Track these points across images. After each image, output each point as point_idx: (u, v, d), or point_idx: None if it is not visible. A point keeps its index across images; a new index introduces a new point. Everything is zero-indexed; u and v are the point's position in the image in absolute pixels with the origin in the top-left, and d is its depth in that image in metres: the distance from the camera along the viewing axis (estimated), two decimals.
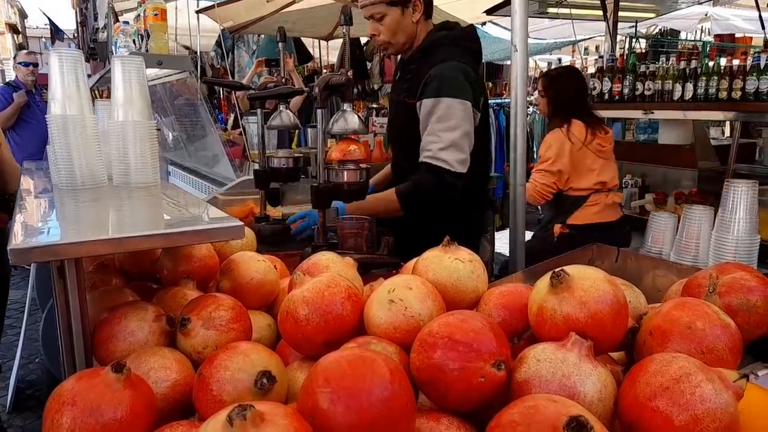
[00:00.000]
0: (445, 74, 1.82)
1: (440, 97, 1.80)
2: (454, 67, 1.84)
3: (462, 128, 1.82)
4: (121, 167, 1.39)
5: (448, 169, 1.80)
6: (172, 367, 0.92)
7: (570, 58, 9.89)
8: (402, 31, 1.91)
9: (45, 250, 0.85)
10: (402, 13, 1.88)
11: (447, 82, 1.81)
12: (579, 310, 0.82)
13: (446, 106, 1.80)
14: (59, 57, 1.35)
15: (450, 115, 1.80)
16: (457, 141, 1.81)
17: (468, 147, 1.85)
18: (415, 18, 1.90)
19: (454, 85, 1.81)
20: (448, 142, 1.80)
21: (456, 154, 1.81)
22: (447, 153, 1.80)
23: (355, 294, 0.97)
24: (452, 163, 1.81)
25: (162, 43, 2.36)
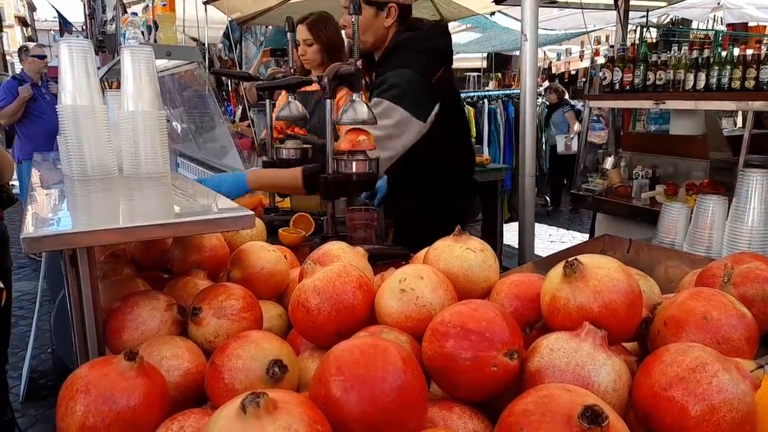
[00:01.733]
0: (393, 79, 1.85)
1: (383, 100, 1.83)
2: (405, 76, 1.85)
3: (389, 130, 1.84)
4: (132, 157, 1.39)
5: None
6: (184, 356, 0.92)
7: (580, 49, 9.80)
8: (371, 31, 1.94)
9: (57, 239, 0.86)
10: (375, 15, 1.91)
11: (393, 88, 1.83)
12: (593, 300, 0.82)
13: (384, 108, 1.82)
14: (69, 48, 1.35)
15: (383, 116, 1.82)
16: (381, 139, 1.82)
17: (392, 149, 1.86)
18: (387, 23, 1.93)
19: (399, 91, 1.83)
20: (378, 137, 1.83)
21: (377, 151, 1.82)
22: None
23: (366, 283, 0.97)
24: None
25: (170, 33, 2.36)
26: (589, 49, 9.42)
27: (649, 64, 3.69)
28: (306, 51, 2.75)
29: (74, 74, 1.36)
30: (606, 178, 4.16)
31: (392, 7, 1.90)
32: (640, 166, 4.02)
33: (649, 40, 5.23)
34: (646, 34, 5.07)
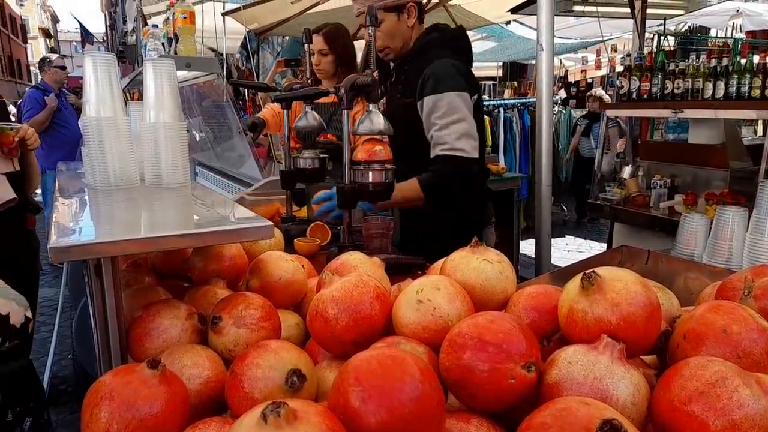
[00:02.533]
0: (440, 71, 1.90)
1: (440, 93, 1.88)
2: (447, 64, 1.92)
3: (468, 119, 1.90)
4: (153, 168, 1.42)
5: (466, 157, 1.89)
6: (204, 365, 0.94)
7: (596, 57, 9.75)
8: (398, 35, 1.99)
9: (83, 249, 0.88)
10: (398, 19, 1.96)
11: (442, 79, 1.89)
12: (611, 312, 0.82)
13: (448, 101, 1.88)
14: (93, 61, 1.39)
15: (454, 109, 1.88)
16: (468, 129, 1.90)
17: (476, 135, 1.94)
18: (410, 23, 1.98)
19: (450, 79, 1.89)
20: (462, 132, 1.89)
21: (470, 141, 1.90)
22: (462, 142, 1.88)
23: (383, 294, 0.98)
24: (468, 150, 1.89)
25: (190, 45, 2.40)
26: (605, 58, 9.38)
27: (666, 73, 3.66)
28: (320, 61, 2.79)
29: (98, 87, 1.40)
30: (624, 188, 4.13)
31: (411, 6, 1.95)
32: (658, 175, 3.98)
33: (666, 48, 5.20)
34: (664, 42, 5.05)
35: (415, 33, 2.01)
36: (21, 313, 0.76)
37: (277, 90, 2.48)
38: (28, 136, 2.15)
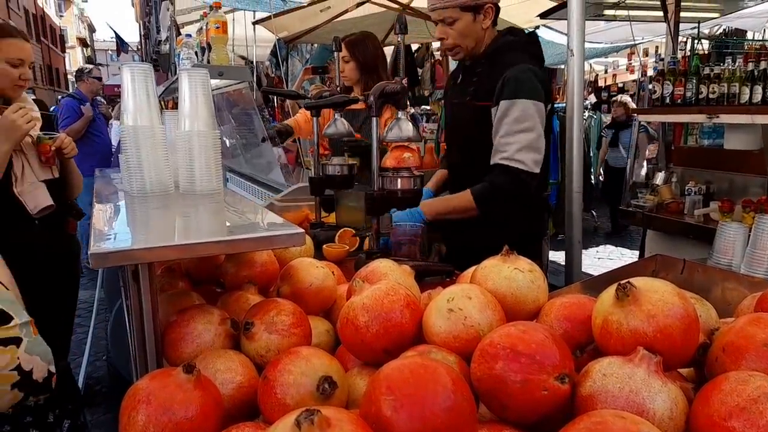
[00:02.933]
0: (520, 77, 1.84)
1: (516, 99, 1.82)
2: (527, 70, 1.86)
3: (537, 130, 1.83)
4: (187, 175, 1.46)
5: (524, 170, 1.82)
6: (237, 370, 0.95)
7: (627, 62, 9.59)
8: (472, 36, 1.93)
9: (121, 255, 0.90)
10: (473, 19, 1.90)
11: (522, 84, 1.83)
12: (647, 324, 0.80)
13: (522, 108, 1.81)
14: (131, 71, 1.43)
15: (526, 117, 1.81)
16: (534, 142, 1.82)
17: (543, 148, 1.87)
18: (485, 24, 1.92)
19: (528, 87, 1.83)
20: (525, 143, 1.82)
21: (532, 155, 1.82)
22: (523, 154, 1.81)
23: (413, 302, 0.98)
24: (528, 163, 1.82)
25: (223, 54, 2.45)
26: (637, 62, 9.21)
27: (701, 77, 3.58)
28: (344, 68, 2.83)
29: (135, 96, 1.44)
30: (656, 194, 4.04)
31: (489, 8, 1.90)
32: (692, 181, 3.89)
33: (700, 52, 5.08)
34: (698, 45, 4.93)
35: (488, 35, 1.96)
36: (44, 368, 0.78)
37: (307, 97, 2.51)
38: (65, 145, 2.22)
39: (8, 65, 2.02)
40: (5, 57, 2.01)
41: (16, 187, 2.05)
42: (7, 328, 0.76)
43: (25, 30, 2.49)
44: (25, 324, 0.79)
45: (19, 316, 0.79)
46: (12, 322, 0.77)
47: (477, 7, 1.88)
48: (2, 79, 2.04)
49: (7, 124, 1.96)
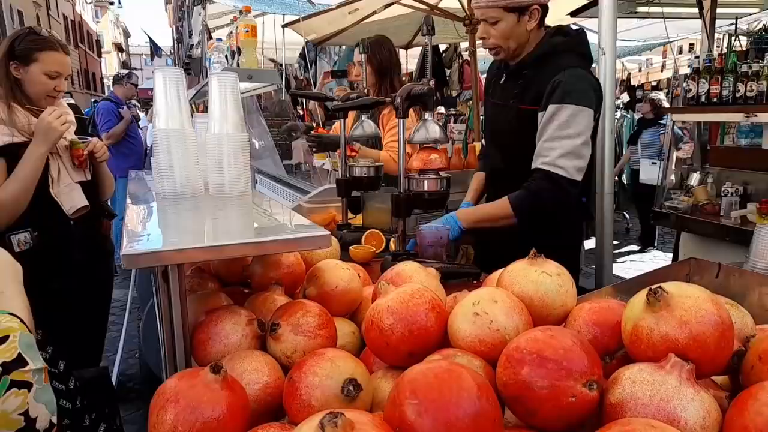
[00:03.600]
0: (571, 81, 1.76)
1: (564, 104, 1.74)
2: (580, 75, 1.79)
3: (583, 136, 1.75)
4: (217, 177, 1.48)
5: (566, 177, 1.74)
6: (263, 370, 0.96)
7: (661, 59, 9.37)
8: (514, 37, 1.85)
9: (152, 256, 0.92)
10: (517, 20, 1.82)
11: (573, 89, 1.75)
12: (679, 331, 0.78)
13: (569, 113, 1.74)
14: (163, 75, 1.46)
15: (572, 122, 1.74)
16: (578, 148, 1.74)
17: (587, 155, 1.78)
18: (530, 26, 1.84)
19: (579, 92, 1.75)
20: (568, 149, 1.74)
21: (575, 162, 1.74)
22: (565, 160, 1.74)
23: (439, 305, 0.98)
24: (570, 170, 1.74)
25: (252, 58, 2.48)
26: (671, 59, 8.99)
27: (738, 75, 3.47)
28: (359, 72, 2.84)
29: (167, 100, 1.47)
30: (691, 196, 3.94)
31: (535, 9, 1.81)
32: (729, 182, 3.78)
33: (738, 48, 4.92)
34: (735, 42, 4.78)
35: (534, 36, 1.87)
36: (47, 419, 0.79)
37: (333, 99, 2.53)
38: (97, 149, 2.28)
39: (46, 77, 2.09)
40: (44, 69, 2.08)
41: (52, 188, 2.11)
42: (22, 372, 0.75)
43: (63, 36, 2.57)
44: (39, 370, 0.78)
45: (34, 361, 0.78)
46: (27, 367, 0.76)
47: (522, 9, 1.80)
48: (37, 90, 2.10)
49: (45, 125, 2.02)
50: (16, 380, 0.74)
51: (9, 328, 0.78)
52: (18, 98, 2.08)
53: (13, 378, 0.74)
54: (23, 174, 2.00)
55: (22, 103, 2.09)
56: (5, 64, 2.06)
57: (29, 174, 2.01)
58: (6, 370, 0.73)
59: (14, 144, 2.01)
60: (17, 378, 0.74)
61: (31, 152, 2.01)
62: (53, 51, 2.10)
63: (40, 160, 2.03)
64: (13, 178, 2.00)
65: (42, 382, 0.78)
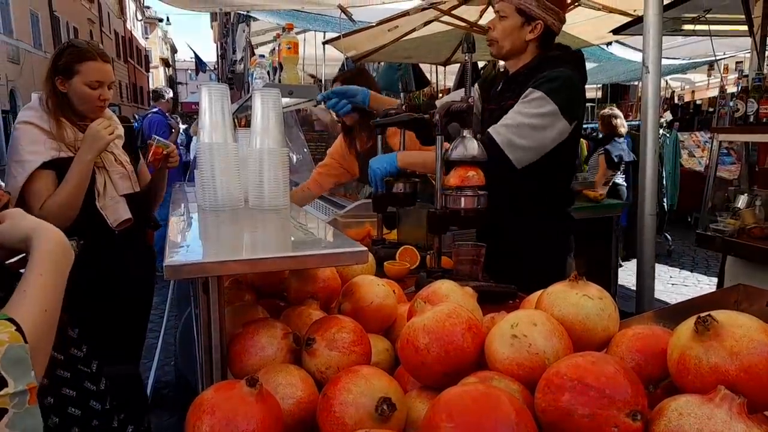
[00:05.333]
0: (553, 76, 1.85)
1: (536, 89, 1.83)
2: (565, 74, 1.86)
3: (535, 120, 1.81)
4: (257, 190, 1.50)
5: (497, 143, 1.81)
6: (297, 385, 0.97)
7: (706, 78, 9.12)
8: (511, 38, 1.97)
9: (194, 267, 0.94)
10: (521, 25, 1.95)
11: (554, 83, 1.83)
12: (729, 362, 0.74)
13: (536, 96, 1.82)
14: (209, 91, 1.50)
15: (532, 104, 1.81)
16: (522, 126, 1.80)
17: (529, 139, 1.82)
18: (529, 37, 1.96)
19: (554, 85, 1.83)
20: (513, 122, 1.82)
21: (510, 136, 1.80)
22: (504, 129, 1.82)
23: (476, 326, 0.96)
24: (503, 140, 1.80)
25: (293, 74, 2.53)
26: (716, 77, 8.74)
27: None
28: None
29: (212, 115, 1.51)
30: (738, 218, 3.79)
31: (539, 24, 1.93)
32: None
33: None
34: None
35: (531, 49, 1.99)
36: None
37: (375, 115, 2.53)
38: (174, 155, 2.38)
39: (88, 87, 2.14)
40: (85, 79, 2.12)
41: (98, 201, 2.18)
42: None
43: (114, 51, 2.67)
44: (22, 393, 0.67)
45: (17, 381, 0.67)
46: (4, 390, 0.66)
47: (529, 17, 1.93)
48: (83, 102, 2.16)
49: (93, 133, 2.09)
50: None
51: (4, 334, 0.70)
52: (66, 113, 2.15)
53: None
54: (71, 181, 2.07)
55: (71, 119, 2.16)
56: (51, 79, 2.14)
57: (77, 180, 2.08)
58: None
59: (61, 159, 2.09)
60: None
61: (78, 159, 2.09)
62: (91, 60, 2.14)
63: (87, 167, 2.10)
64: (61, 187, 2.08)
65: (23, 405, 0.68)
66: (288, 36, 2.53)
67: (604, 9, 4.93)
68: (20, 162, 2.06)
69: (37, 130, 2.10)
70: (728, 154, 6.75)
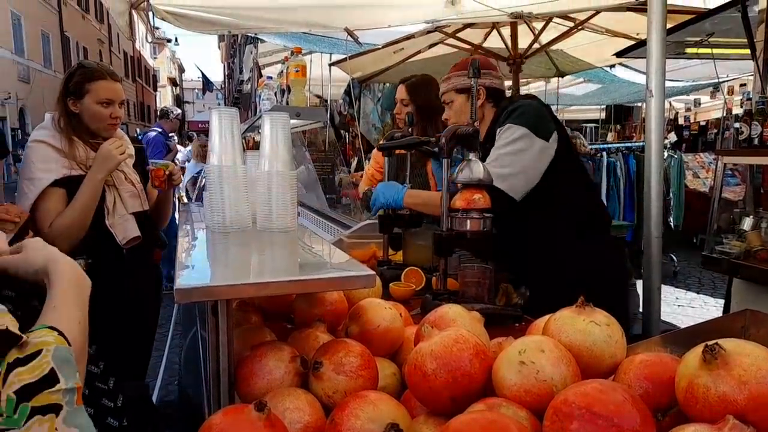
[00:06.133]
0: (515, 106, 1.94)
1: (505, 124, 1.91)
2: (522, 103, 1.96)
3: (509, 148, 1.88)
4: (265, 212, 1.52)
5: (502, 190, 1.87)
6: (305, 409, 0.97)
7: (710, 100, 9.16)
8: (465, 114, 2.05)
9: (204, 291, 0.96)
10: (467, 99, 2.04)
11: (515, 112, 1.92)
12: (737, 391, 0.75)
13: (504, 129, 1.90)
14: (219, 115, 1.53)
15: (503, 137, 1.90)
16: (501, 157, 1.88)
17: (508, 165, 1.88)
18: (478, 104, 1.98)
19: (516, 113, 1.91)
20: (492, 158, 1.89)
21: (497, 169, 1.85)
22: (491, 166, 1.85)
23: (483, 351, 0.96)
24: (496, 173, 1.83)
25: (301, 96, 2.56)
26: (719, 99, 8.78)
27: None
28: (401, 110, 2.85)
29: (221, 138, 1.53)
30: (744, 241, 3.78)
31: (480, 89, 2.01)
32: None
33: None
34: None
35: (488, 113, 2.08)
36: None
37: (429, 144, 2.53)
38: (175, 172, 2.39)
39: (99, 106, 2.18)
40: (96, 98, 2.16)
41: (108, 219, 2.20)
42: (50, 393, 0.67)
43: (123, 71, 2.72)
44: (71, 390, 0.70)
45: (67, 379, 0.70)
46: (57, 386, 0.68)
47: (468, 89, 2.00)
48: (95, 120, 2.20)
49: (105, 153, 2.13)
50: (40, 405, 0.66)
51: (43, 342, 0.72)
52: (79, 132, 2.19)
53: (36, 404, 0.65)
54: (81, 199, 2.10)
55: (84, 138, 2.20)
56: (63, 101, 2.18)
57: (87, 199, 2.11)
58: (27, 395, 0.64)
59: (72, 177, 2.12)
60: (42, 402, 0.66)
61: (89, 178, 2.12)
62: (101, 80, 2.18)
63: (97, 186, 2.13)
64: (71, 205, 2.10)
65: (73, 404, 0.70)
66: (296, 59, 2.58)
67: (607, 33, 4.99)
68: (32, 180, 2.09)
69: (49, 148, 2.13)
70: (733, 175, 6.74)
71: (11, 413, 0.61)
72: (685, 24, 4.03)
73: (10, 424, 0.60)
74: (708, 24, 4.06)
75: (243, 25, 4.00)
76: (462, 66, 2.10)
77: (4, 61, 22.50)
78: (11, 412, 0.61)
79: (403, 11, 4.22)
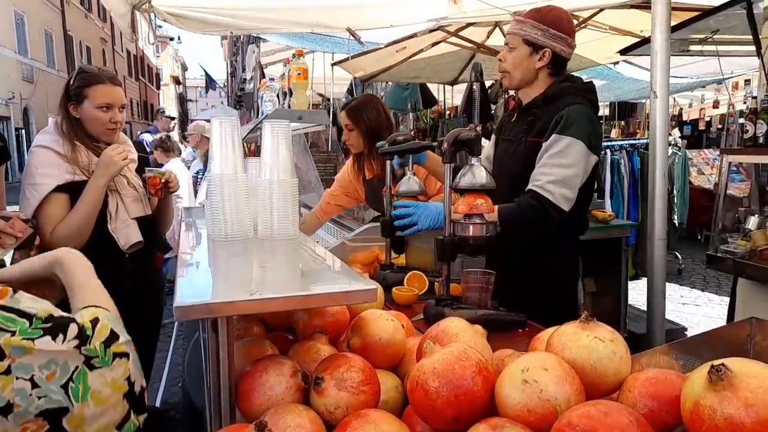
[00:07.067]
0: (573, 115, 1.90)
1: (562, 135, 1.88)
2: (582, 111, 1.92)
3: (575, 168, 1.87)
4: (266, 221, 1.51)
5: (552, 201, 1.85)
6: (306, 426, 0.96)
7: (714, 96, 9.10)
8: (521, 69, 2.02)
9: (203, 308, 0.95)
10: (529, 55, 2.00)
11: (572, 123, 1.89)
12: (744, 413, 0.73)
13: (565, 144, 1.87)
14: (220, 123, 1.52)
15: (566, 153, 1.87)
16: (568, 178, 1.86)
17: (576, 186, 1.89)
18: (538, 65, 2.01)
19: (578, 125, 1.89)
20: (559, 177, 1.86)
21: (563, 190, 1.86)
22: (554, 186, 1.86)
23: (485, 368, 0.95)
24: (557, 196, 1.85)
25: (303, 99, 2.55)
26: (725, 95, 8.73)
27: None
28: (348, 136, 2.77)
29: (222, 146, 1.52)
30: (749, 240, 3.75)
31: (547, 52, 1.98)
32: None
33: None
34: None
35: (542, 78, 2.03)
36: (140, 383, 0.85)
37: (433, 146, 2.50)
38: (171, 180, 2.37)
39: (98, 110, 2.16)
40: (95, 103, 2.15)
41: (110, 224, 2.20)
42: (119, 344, 0.84)
43: (126, 70, 2.71)
44: (129, 342, 0.87)
45: (123, 335, 0.87)
46: (121, 339, 0.85)
47: (536, 47, 1.98)
48: (95, 125, 2.19)
49: (107, 159, 2.12)
50: (117, 352, 0.83)
51: (96, 310, 0.88)
52: (80, 137, 2.18)
53: (114, 351, 0.83)
54: (84, 205, 2.09)
55: (86, 142, 2.19)
56: (64, 105, 2.17)
57: (89, 205, 2.10)
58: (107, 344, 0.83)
59: (75, 182, 2.12)
60: (117, 350, 0.83)
61: (91, 184, 2.11)
62: (100, 84, 2.17)
63: (99, 191, 2.12)
64: (74, 210, 2.10)
65: (133, 351, 0.87)
66: (298, 62, 2.57)
67: (611, 30, 4.95)
68: (34, 185, 2.09)
69: (52, 153, 2.13)
70: (738, 172, 6.70)
71: (103, 355, 0.80)
72: (689, 21, 3.99)
73: (103, 363, 0.80)
74: (712, 21, 4.02)
75: (244, 26, 3.99)
76: (543, 16, 1.98)
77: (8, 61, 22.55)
78: (103, 354, 0.81)
79: (405, 10, 4.20)
